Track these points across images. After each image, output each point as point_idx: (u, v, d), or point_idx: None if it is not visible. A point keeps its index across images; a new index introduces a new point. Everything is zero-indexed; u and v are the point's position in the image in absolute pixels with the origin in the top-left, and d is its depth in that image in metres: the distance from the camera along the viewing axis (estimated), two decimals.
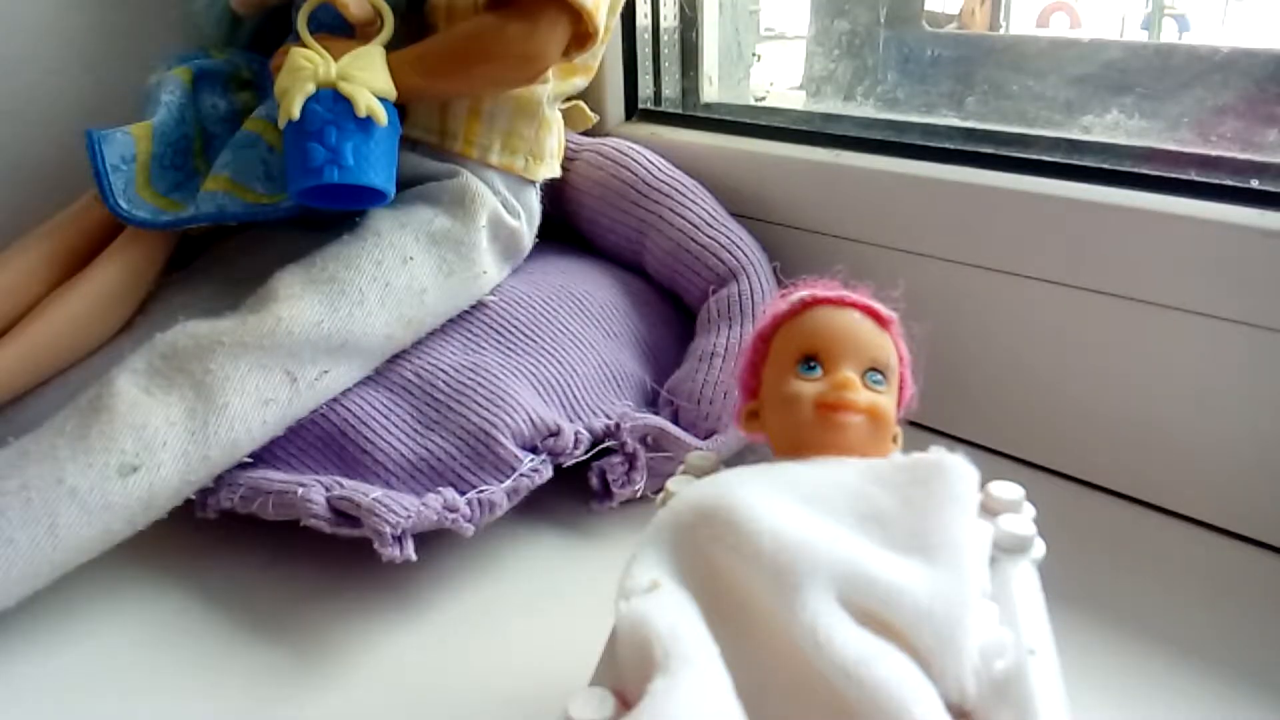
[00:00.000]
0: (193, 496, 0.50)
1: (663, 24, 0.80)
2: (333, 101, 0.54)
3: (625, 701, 0.29)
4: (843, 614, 0.28)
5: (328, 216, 0.61)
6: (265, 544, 0.55)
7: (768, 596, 0.29)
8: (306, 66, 0.54)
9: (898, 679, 0.26)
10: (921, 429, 0.63)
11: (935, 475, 0.31)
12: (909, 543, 0.30)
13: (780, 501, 0.31)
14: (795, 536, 0.29)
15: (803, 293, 0.38)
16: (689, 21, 0.81)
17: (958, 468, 0.32)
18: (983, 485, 0.34)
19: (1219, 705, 0.42)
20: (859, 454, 0.35)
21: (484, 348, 0.59)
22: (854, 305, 0.37)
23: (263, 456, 0.53)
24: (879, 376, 0.36)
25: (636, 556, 0.32)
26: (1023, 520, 0.33)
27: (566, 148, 0.70)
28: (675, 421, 0.59)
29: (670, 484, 0.38)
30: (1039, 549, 0.33)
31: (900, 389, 0.38)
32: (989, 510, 0.35)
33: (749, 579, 0.29)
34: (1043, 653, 0.29)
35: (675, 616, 0.29)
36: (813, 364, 0.36)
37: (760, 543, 0.29)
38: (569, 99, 0.70)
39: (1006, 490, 0.35)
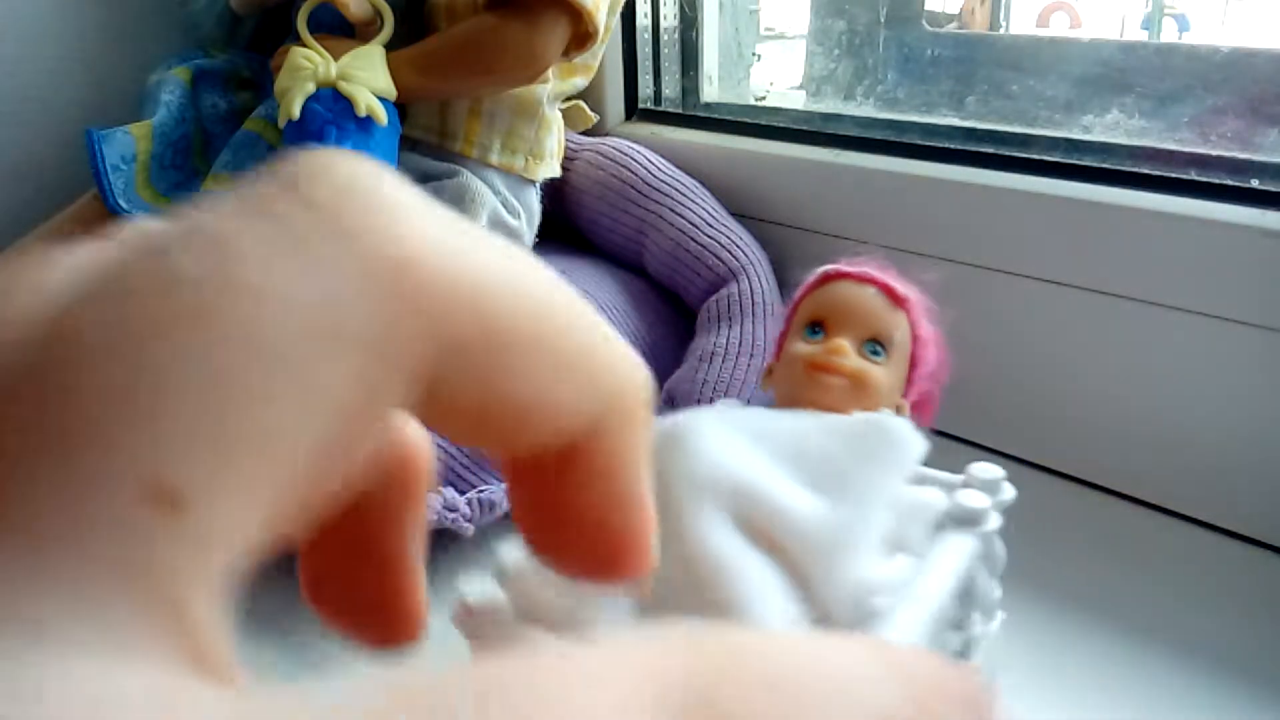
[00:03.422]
0: None
1: (663, 24, 0.80)
2: (333, 101, 0.54)
3: None
4: (728, 523, 0.31)
5: None
6: None
7: (681, 501, 0.32)
8: (306, 66, 0.54)
9: (750, 579, 0.30)
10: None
11: (875, 433, 0.33)
12: (825, 484, 0.32)
13: (728, 432, 0.34)
14: (717, 458, 0.33)
15: (830, 266, 0.40)
16: (689, 21, 0.81)
17: (898, 430, 0.33)
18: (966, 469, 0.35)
19: (1219, 705, 0.42)
20: (840, 414, 0.37)
21: None
22: (871, 281, 0.39)
23: None
24: (878, 348, 0.38)
25: None
26: (975, 495, 0.33)
27: (566, 148, 0.70)
28: None
29: None
30: (990, 523, 0.33)
31: (913, 367, 0.39)
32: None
33: (675, 485, 0.33)
34: (920, 605, 0.30)
35: None
36: (817, 329, 0.38)
37: (689, 457, 0.33)
38: (569, 99, 0.70)
39: (985, 470, 0.35)
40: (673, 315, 0.70)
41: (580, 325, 0.13)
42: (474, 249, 0.12)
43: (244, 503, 0.10)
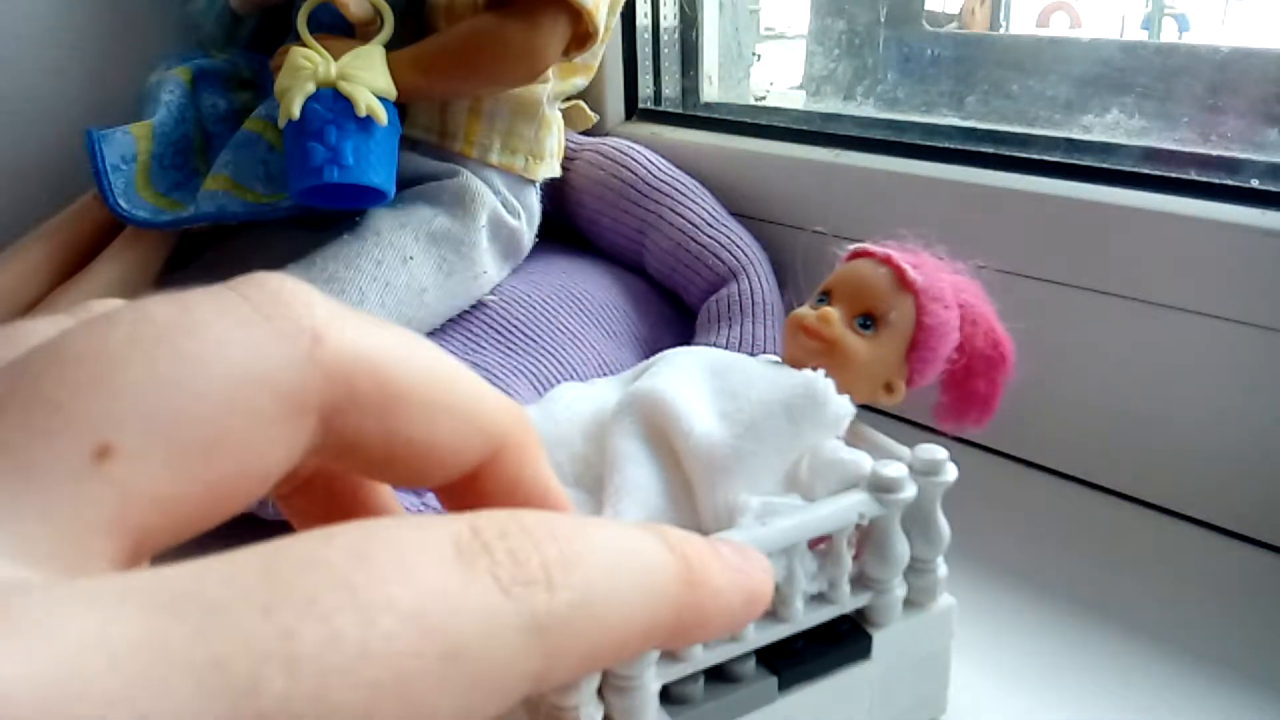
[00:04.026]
0: None
1: (663, 24, 0.80)
2: (333, 101, 0.54)
3: None
4: (638, 429, 0.36)
5: (328, 216, 0.61)
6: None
7: (619, 409, 0.38)
8: (306, 66, 0.54)
9: (627, 475, 0.34)
10: (919, 428, 0.63)
11: (801, 388, 0.35)
12: (735, 416, 0.35)
13: (690, 363, 0.39)
14: (661, 381, 0.37)
15: (858, 245, 0.42)
16: (689, 21, 0.81)
17: (822, 395, 0.34)
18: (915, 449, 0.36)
19: (1219, 705, 0.42)
20: None
21: (484, 348, 0.59)
22: (886, 261, 0.40)
23: None
24: (868, 322, 0.39)
25: None
26: (893, 465, 0.34)
27: (566, 147, 0.70)
28: None
29: None
30: (903, 492, 0.34)
31: (911, 350, 0.40)
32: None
33: (627, 396, 0.38)
34: (769, 531, 0.31)
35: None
36: (823, 298, 0.40)
37: (645, 379, 0.38)
38: (569, 98, 0.70)
39: (928, 451, 0.35)
40: (673, 315, 0.70)
41: (461, 382, 0.17)
42: (374, 331, 0.16)
43: (161, 473, 0.13)
